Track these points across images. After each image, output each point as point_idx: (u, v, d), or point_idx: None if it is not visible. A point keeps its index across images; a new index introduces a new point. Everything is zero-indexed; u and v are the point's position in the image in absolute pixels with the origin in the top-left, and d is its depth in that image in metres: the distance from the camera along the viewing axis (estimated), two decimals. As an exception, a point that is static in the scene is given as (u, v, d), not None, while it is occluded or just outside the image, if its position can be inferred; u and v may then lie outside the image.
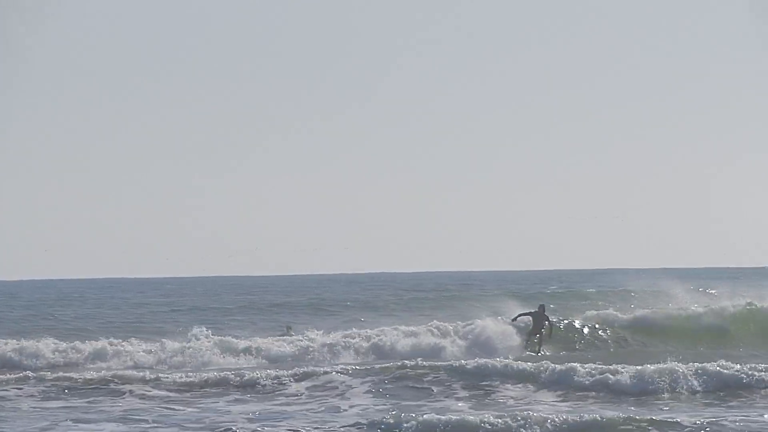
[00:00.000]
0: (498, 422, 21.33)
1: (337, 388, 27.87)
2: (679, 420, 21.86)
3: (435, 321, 40.53)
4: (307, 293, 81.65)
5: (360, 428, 21.83)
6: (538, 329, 35.88)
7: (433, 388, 27.55)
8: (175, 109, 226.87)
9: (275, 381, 28.65)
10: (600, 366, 27.93)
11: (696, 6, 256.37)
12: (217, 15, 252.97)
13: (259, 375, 29.25)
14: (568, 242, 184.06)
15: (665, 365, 27.33)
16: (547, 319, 36.01)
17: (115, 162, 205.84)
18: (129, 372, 31.43)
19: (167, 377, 29.34)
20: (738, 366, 27.43)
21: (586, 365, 28.02)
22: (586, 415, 21.94)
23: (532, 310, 36.76)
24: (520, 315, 37.08)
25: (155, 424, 23.43)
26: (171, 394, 27.74)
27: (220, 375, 29.48)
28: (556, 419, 21.37)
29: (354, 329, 39.95)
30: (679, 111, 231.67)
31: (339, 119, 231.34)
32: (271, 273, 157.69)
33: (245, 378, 28.99)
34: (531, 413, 22.23)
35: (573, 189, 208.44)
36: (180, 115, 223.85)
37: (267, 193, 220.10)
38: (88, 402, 26.79)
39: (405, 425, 21.20)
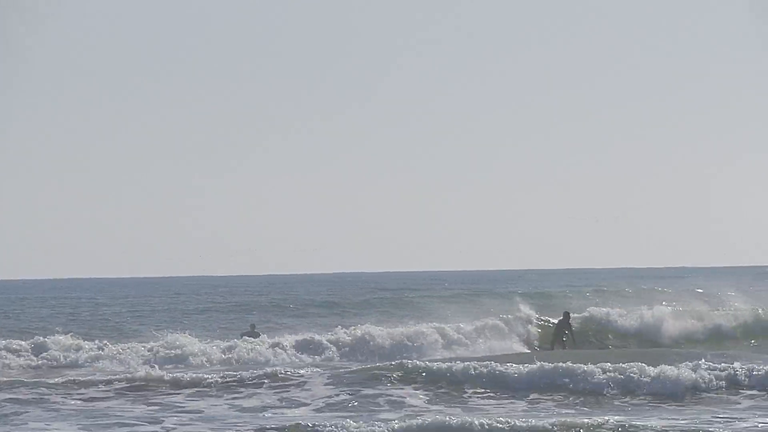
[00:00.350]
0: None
1: (296, 384, 27.81)
2: (633, 422, 21.92)
3: (430, 323, 40.62)
4: (269, 293, 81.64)
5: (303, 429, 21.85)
6: (559, 335, 36.32)
7: (392, 387, 27.47)
8: (175, 109, 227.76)
9: (232, 379, 28.53)
10: (561, 365, 27.78)
11: (696, 6, 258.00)
12: (217, 15, 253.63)
13: (215, 374, 29.17)
14: (568, 242, 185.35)
15: (622, 365, 27.38)
16: (569, 327, 36.26)
17: (115, 162, 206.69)
18: (82, 371, 31.39)
19: (122, 377, 29.17)
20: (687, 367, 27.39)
21: (547, 364, 27.82)
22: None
23: (561, 318, 37.26)
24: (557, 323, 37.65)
25: (109, 421, 23.41)
26: (126, 393, 27.58)
27: (173, 374, 29.35)
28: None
29: (325, 331, 39.99)
30: (679, 111, 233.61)
31: (339, 119, 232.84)
32: (272, 273, 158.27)
33: (200, 376, 28.84)
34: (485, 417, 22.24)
35: (573, 189, 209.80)
36: (180, 115, 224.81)
37: (267, 193, 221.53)
38: (42, 399, 26.64)
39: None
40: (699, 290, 55.75)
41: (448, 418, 21.43)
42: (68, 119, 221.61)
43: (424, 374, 27.96)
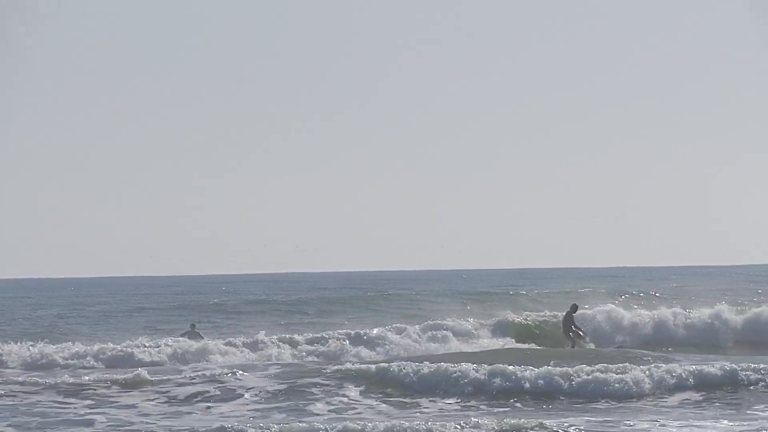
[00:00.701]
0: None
1: (233, 381, 28.06)
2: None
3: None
4: (209, 293, 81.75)
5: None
6: (567, 329, 36.98)
7: (326, 385, 27.74)
8: (175, 109, 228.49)
9: (169, 377, 28.72)
10: (497, 366, 27.97)
11: (696, 6, 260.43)
12: (217, 15, 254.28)
13: (154, 374, 29.32)
14: (568, 242, 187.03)
15: (551, 366, 27.84)
16: (572, 321, 37.19)
17: (115, 162, 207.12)
18: (16, 371, 31.44)
19: (58, 379, 29.11)
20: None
21: (485, 365, 27.99)
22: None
23: (567, 311, 37.95)
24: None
25: (40, 417, 23.65)
26: (60, 391, 27.70)
27: (109, 374, 29.49)
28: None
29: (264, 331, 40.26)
30: (679, 111, 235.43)
31: (339, 119, 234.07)
32: (272, 271, 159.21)
33: (140, 377, 28.83)
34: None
35: (573, 189, 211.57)
36: (180, 115, 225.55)
37: (267, 193, 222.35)
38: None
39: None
40: (633, 291, 56.45)
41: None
42: (68, 119, 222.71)
43: (357, 373, 28.27)
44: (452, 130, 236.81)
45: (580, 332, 36.93)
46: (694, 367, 28.02)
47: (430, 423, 21.49)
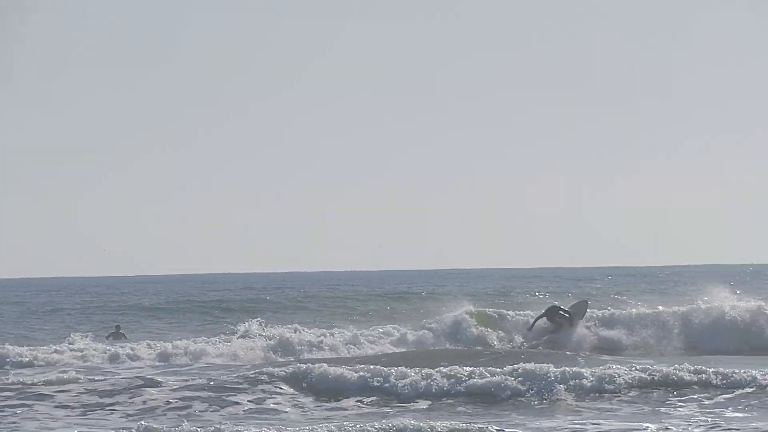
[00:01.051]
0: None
1: (150, 378, 28.60)
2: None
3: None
4: (137, 293, 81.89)
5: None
6: (551, 317, 38.80)
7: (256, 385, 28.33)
8: (175, 108, 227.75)
9: (86, 376, 29.13)
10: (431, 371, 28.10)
11: (696, 6, 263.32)
12: (218, 15, 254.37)
13: (69, 372, 29.69)
14: (568, 242, 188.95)
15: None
16: (560, 317, 38.78)
17: (114, 161, 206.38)
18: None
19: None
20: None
21: (408, 369, 28.37)
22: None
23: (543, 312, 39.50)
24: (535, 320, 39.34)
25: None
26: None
27: (17, 376, 29.54)
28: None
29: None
30: (679, 111, 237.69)
31: (339, 119, 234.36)
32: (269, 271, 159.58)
33: (53, 375, 29.11)
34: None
35: (573, 189, 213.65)
36: (180, 114, 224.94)
37: (268, 193, 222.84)
38: None
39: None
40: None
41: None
42: (68, 119, 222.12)
43: (283, 373, 28.75)
44: (452, 130, 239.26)
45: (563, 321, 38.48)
46: (618, 367, 28.64)
47: (345, 423, 22.24)
